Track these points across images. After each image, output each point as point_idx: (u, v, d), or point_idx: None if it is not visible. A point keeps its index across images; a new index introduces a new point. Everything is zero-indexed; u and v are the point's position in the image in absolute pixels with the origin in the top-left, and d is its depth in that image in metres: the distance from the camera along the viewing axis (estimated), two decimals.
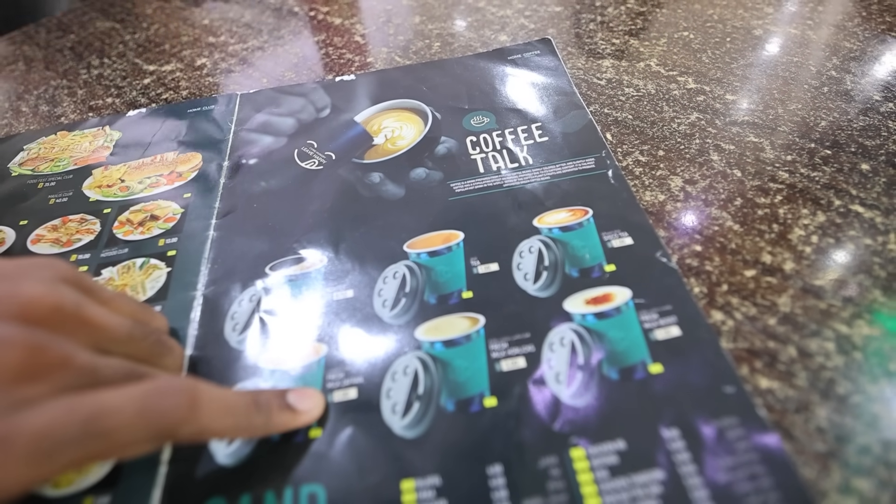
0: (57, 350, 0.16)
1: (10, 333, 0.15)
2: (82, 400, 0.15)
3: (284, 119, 0.34)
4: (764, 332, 0.21)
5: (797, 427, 0.18)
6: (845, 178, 0.27)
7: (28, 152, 0.35)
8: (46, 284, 0.17)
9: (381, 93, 0.35)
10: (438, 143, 0.30)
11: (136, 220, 0.28)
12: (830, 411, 0.19)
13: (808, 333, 0.21)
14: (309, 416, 0.19)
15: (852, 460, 0.17)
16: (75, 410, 0.15)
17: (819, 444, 0.18)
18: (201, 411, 0.16)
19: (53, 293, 0.17)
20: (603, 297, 0.22)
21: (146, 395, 0.15)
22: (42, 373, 0.15)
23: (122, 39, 0.48)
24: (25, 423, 0.14)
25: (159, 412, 0.15)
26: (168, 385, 0.16)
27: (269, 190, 0.29)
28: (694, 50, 0.37)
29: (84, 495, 0.18)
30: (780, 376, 0.20)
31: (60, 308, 0.17)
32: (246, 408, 0.18)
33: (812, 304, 0.22)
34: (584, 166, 0.28)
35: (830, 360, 0.20)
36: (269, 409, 0.18)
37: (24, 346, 0.15)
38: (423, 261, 0.24)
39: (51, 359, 0.15)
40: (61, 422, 0.14)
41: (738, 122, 0.31)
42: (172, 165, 0.32)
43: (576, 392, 0.19)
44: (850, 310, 0.21)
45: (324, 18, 0.47)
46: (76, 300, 0.17)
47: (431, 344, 0.21)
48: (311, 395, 0.19)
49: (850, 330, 0.21)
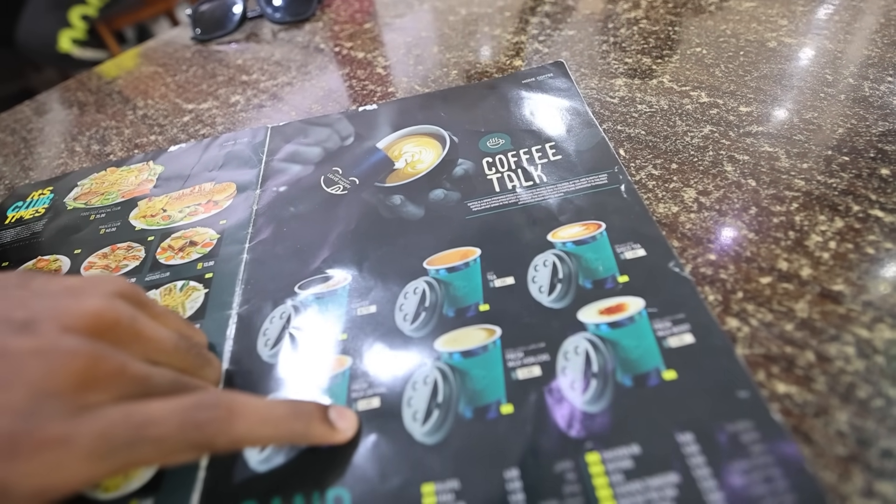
0: (114, 361, 0.17)
1: (75, 344, 0.17)
2: (136, 409, 0.17)
3: (311, 148, 0.36)
4: (781, 338, 0.21)
5: (816, 431, 0.18)
6: (864, 184, 0.27)
7: (81, 188, 0.38)
8: (106, 299, 0.19)
9: (401, 120, 0.37)
10: (456, 165, 0.32)
11: (177, 246, 0.31)
12: (851, 415, 0.18)
13: (827, 338, 0.21)
14: (344, 436, 0.20)
15: (875, 464, 0.17)
16: (130, 417, 0.16)
17: (840, 447, 0.18)
18: (237, 423, 0.17)
19: (113, 308, 0.19)
20: (616, 307, 0.22)
21: (187, 409, 0.17)
22: (100, 381, 0.17)
23: (164, 82, 0.52)
24: (87, 425, 0.16)
25: (197, 425, 0.17)
26: (208, 399, 0.18)
27: (297, 215, 0.31)
28: (707, 65, 0.38)
29: (130, 498, 0.20)
30: (798, 381, 0.19)
31: (118, 322, 0.18)
32: (285, 417, 0.19)
33: (830, 308, 0.22)
34: (596, 182, 0.28)
35: (850, 365, 0.20)
36: (309, 419, 0.19)
37: (86, 357, 0.17)
38: (442, 276, 0.25)
39: (109, 369, 0.17)
40: (117, 427, 0.16)
41: (753, 132, 0.31)
42: (209, 195, 0.34)
43: (590, 399, 0.19)
44: (870, 314, 0.21)
45: (348, 53, 0.50)
46: (132, 315, 0.19)
47: (450, 355, 0.22)
48: (349, 415, 0.20)
49: (870, 334, 0.20)
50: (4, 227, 0.36)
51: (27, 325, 0.17)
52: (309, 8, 0.58)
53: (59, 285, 0.19)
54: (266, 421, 0.18)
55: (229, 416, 0.17)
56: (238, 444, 0.18)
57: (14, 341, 0.16)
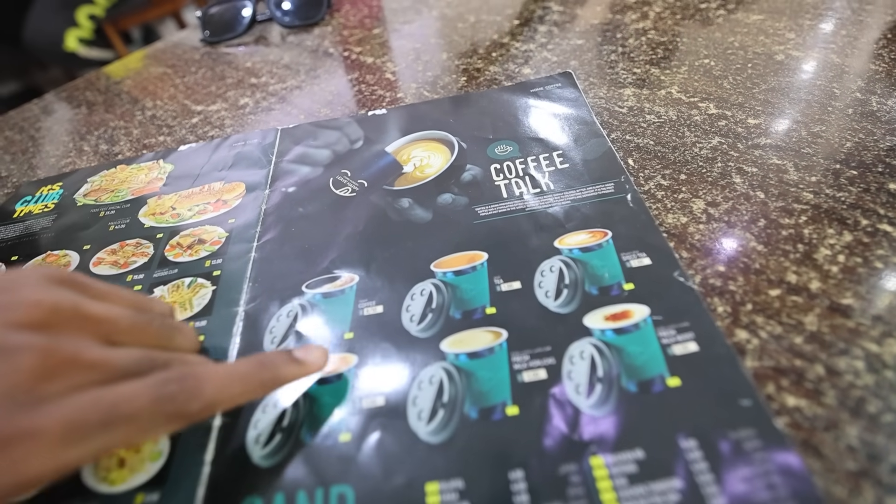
0: (66, 350, 0.17)
1: (21, 340, 0.16)
2: (103, 392, 0.17)
3: (321, 150, 0.37)
4: (790, 351, 0.21)
5: (826, 445, 0.18)
6: (872, 198, 0.27)
7: (91, 184, 0.38)
8: (41, 288, 0.18)
9: (411, 125, 0.37)
10: (464, 170, 0.32)
11: (186, 244, 0.31)
12: (861, 430, 0.18)
13: (837, 352, 0.21)
14: (314, 367, 0.21)
15: (885, 480, 0.17)
16: (98, 401, 0.16)
17: (850, 462, 0.17)
18: (206, 387, 0.18)
19: (50, 295, 0.18)
20: (622, 313, 0.22)
21: (156, 384, 0.17)
22: (57, 372, 0.16)
23: (172, 83, 0.52)
24: (54, 414, 0.15)
25: (168, 397, 0.17)
26: (174, 372, 0.18)
27: (305, 215, 0.31)
28: (715, 76, 0.38)
29: (136, 492, 0.20)
30: (808, 394, 0.19)
31: (58, 308, 0.18)
32: (251, 370, 0.19)
33: (840, 322, 0.22)
34: (603, 191, 0.29)
35: (860, 379, 0.20)
36: (274, 365, 0.20)
37: (36, 351, 0.16)
38: (449, 279, 0.25)
39: (62, 358, 0.17)
40: (86, 411, 0.16)
41: (761, 145, 0.31)
42: (219, 194, 0.34)
43: (595, 403, 0.19)
44: (879, 328, 0.21)
45: (357, 58, 0.50)
46: (73, 299, 0.18)
47: (456, 356, 0.22)
48: (314, 348, 0.21)
49: (880, 348, 0.20)
50: (13, 220, 0.36)
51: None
52: (318, 12, 0.59)
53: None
54: (233, 379, 0.19)
55: (197, 384, 0.18)
56: (212, 408, 0.18)
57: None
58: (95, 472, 0.21)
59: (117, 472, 0.21)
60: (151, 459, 0.21)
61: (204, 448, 0.21)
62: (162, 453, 0.21)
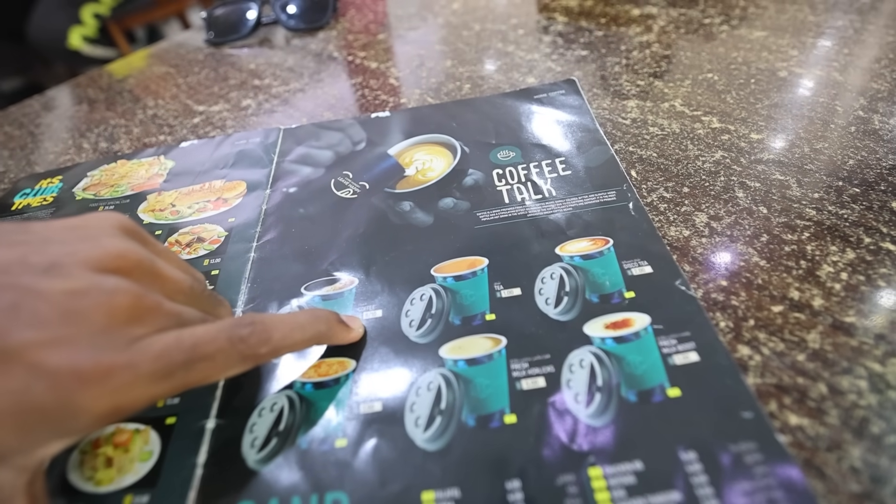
0: (151, 297, 0.18)
1: (115, 283, 0.18)
2: (184, 332, 0.18)
3: (323, 151, 0.36)
4: (793, 368, 0.21)
5: (829, 466, 0.18)
6: (875, 216, 0.27)
7: (91, 178, 0.38)
8: (119, 240, 0.20)
9: (414, 128, 0.37)
10: (466, 175, 0.32)
11: (185, 242, 0.31)
12: (864, 451, 0.18)
13: (839, 371, 0.20)
14: (357, 334, 0.23)
15: (889, 502, 0.17)
16: (182, 340, 0.18)
17: (854, 484, 0.17)
18: (274, 332, 0.19)
19: (133, 249, 0.20)
20: (622, 322, 0.22)
21: (231, 327, 0.19)
22: (144, 316, 0.18)
23: (175, 82, 0.52)
24: (145, 351, 0.17)
25: (241, 338, 0.19)
26: (244, 318, 0.19)
27: (306, 216, 0.31)
28: (718, 91, 0.38)
29: (124, 493, 0.20)
30: (811, 413, 0.19)
31: (140, 263, 0.20)
32: (309, 321, 0.21)
33: (843, 341, 0.21)
34: (605, 199, 0.29)
35: (863, 399, 0.19)
36: (328, 321, 0.22)
37: (129, 294, 0.18)
38: (450, 284, 0.25)
39: (148, 304, 0.18)
40: (171, 350, 0.17)
41: (764, 160, 0.31)
42: (219, 192, 0.34)
43: (594, 413, 0.19)
44: (882, 348, 0.21)
45: (361, 62, 0.50)
46: (150, 256, 0.20)
47: (455, 362, 0.22)
48: (357, 320, 0.24)
49: (883, 368, 0.20)
50: (11, 213, 0.36)
51: (52, 269, 0.17)
52: (323, 16, 0.59)
53: (60, 227, 0.20)
54: (295, 327, 0.20)
55: (265, 328, 0.19)
56: (277, 352, 0.20)
57: (45, 283, 0.17)
58: (81, 471, 0.21)
59: (104, 472, 0.20)
60: (141, 460, 0.21)
61: (196, 450, 0.21)
62: (152, 454, 0.21)
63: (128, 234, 0.21)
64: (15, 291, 0.16)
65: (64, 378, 0.16)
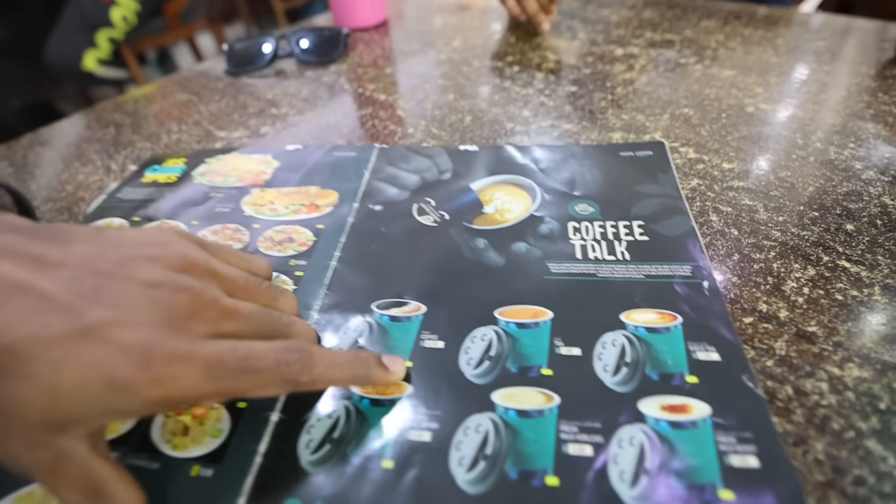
0: (210, 293, 0.21)
1: (181, 280, 0.20)
2: (239, 343, 0.20)
3: (410, 175, 0.39)
4: (762, 373, 0.23)
5: (797, 459, 0.20)
6: (832, 237, 0.30)
7: (208, 165, 0.42)
8: (184, 244, 0.22)
9: (498, 166, 0.39)
10: (542, 222, 0.33)
11: (277, 239, 0.34)
12: (826, 445, 0.21)
13: (803, 374, 0.23)
14: (397, 377, 0.23)
15: (849, 491, 0.19)
16: (237, 349, 0.19)
17: (818, 475, 0.20)
18: (316, 365, 0.20)
19: (195, 251, 0.22)
20: (680, 406, 0.22)
21: (281, 349, 0.20)
22: (202, 311, 0.20)
23: (197, 109, 0.55)
24: (204, 348, 0.19)
25: (287, 362, 0.20)
26: (294, 343, 0.21)
27: (387, 235, 0.33)
28: (693, 124, 0.42)
29: (193, 462, 0.22)
30: (779, 412, 0.22)
31: (200, 264, 0.22)
32: (350, 362, 0.22)
33: (805, 347, 0.24)
34: (679, 272, 0.28)
35: (824, 399, 0.22)
36: (367, 364, 0.22)
37: (191, 290, 0.20)
38: (511, 330, 0.26)
39: (207, 300, 0.20)
40: (225, 354, 0.19)
41: (734, 187, 0.35)
42: (313, 198, 0.37)
43: (639, 496, 0.19)
44: (840, 353, 0.24)
45: (370, 94, 0.54)
46: (206, 257, 0.23)
47: (506, 410, 0.22)
48: (398, 361, 0.24)
49: (841, 372, 0.23)
50: (142, 185, 0.41)
51: (128, 262, 0.20)
52: (335, 51, 0.63)
53: (129, 233, 0.23)
54: (335, 364, 0.21)
55: (310, 359, 0.20)
56: (315, 384, 0.21)
57: (123, 273, 0.19)
58: (162, 433, 0.23)
59: (180, 438, 0.23)
60: (212, 435, 0.23)
61: (259, 438, 0.23)
62: (222, 432, 0.23)
63: (193, 242, 0.23)
64: (98, 278, 0.19)
65: (135, 355, 0.17)
